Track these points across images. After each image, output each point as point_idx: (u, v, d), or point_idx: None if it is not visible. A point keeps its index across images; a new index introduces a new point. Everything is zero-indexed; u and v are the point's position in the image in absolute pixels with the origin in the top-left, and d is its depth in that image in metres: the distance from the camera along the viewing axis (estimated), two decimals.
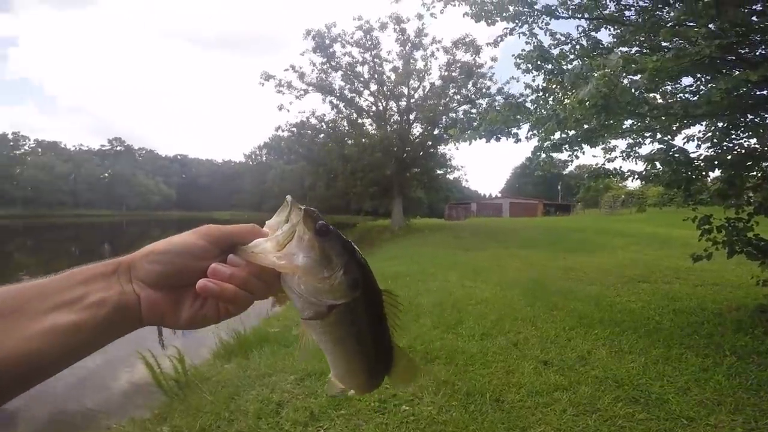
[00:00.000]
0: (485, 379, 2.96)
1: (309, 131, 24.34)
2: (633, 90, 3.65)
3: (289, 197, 0.40)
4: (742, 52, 3.71)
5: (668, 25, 4.05)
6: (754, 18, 3.54)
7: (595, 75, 3.32)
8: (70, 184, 65.33)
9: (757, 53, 3.72)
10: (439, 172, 26.83)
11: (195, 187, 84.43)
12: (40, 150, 68.98)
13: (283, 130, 24.48)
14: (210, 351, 4.58)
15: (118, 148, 78.14)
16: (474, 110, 21.73)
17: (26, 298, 0.31)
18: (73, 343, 0.31)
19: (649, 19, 4.26)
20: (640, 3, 4.58)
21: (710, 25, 3.45)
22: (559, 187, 56.34)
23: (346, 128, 24.50)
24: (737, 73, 3.36)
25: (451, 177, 29.12)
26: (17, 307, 0.30)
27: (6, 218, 50.08)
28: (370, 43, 22.88)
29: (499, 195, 66.13)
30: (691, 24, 3.81)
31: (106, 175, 72.56)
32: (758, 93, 3.84)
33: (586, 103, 3.43)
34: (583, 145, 4.55)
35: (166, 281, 0.35)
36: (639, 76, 3.50)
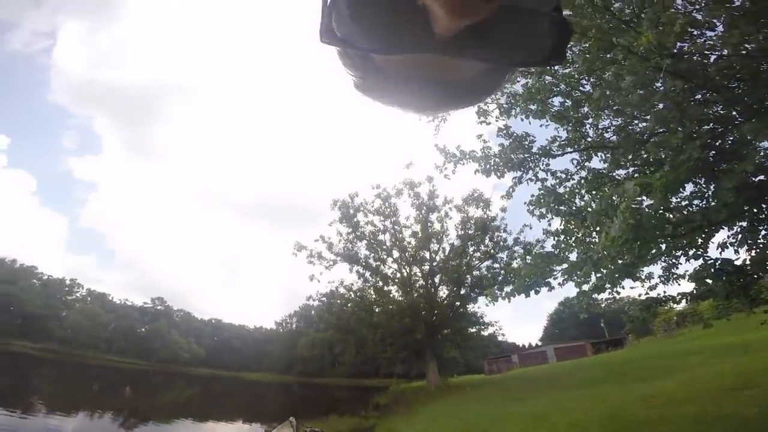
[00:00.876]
0: None
1: (338, 300, 25.07)
2: (654, 213, 3.70)
3: (292, 419, 0.46)
4: (724, 146, 3.84)
5: (646, 138, 4.33)
6: (719, 110, 3.76)
7: (620, 209, 3.40)
8: (108, 333, 66.98)
9: (729, 142, 3.84)
10: (471, 330, 25.82)
11: (227, 349, 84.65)
12: (89, 299, 73.72)
13: (313, 300, 25.46)
14: None
15: (159, 308, 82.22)
16: (496, 265, 22.11)
17: None
18: None
19: (626, 136, 4.58)
20: (614, 123, 4.99)
21: (682, 129, 3.66)
22: (602, 324, 50.65)
23: (373, 296, 24.88)
24: (735, 166, 3.40)
25: (485, 333, 27.54)
26: None
27: (39, 350, 51.20)
28: (389, 210, 24.63)
29: (540, 343, 62.04)
30: (663, 131, 4.06)
31: (143, 330, 74.36)
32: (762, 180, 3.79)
33: (619, 240, 3.43)
34: (622, 280, 4.44)
35: None
36: (651, 201, 3.58)
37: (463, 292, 23.76)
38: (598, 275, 4.27)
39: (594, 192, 4.68)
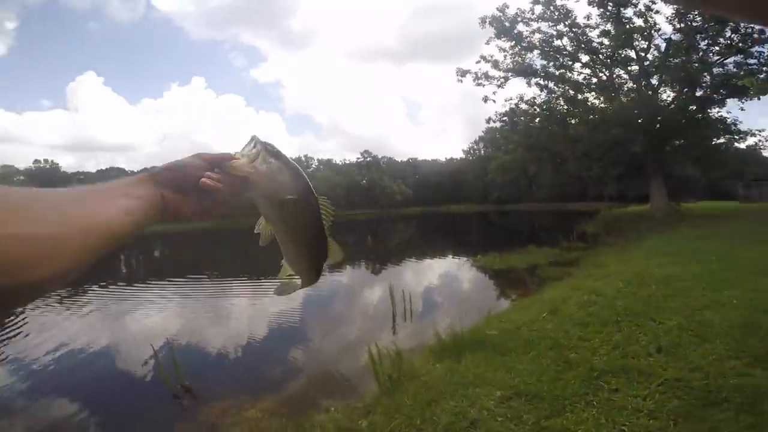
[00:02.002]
0: None
1: (521, 117, 22.50)
2: None
3: (254, 134, 0.56)
4: None
5: None
6: None
7: None
8: (343, 191, 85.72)
9: None
10: (718, 141, 19.98)
11: (427, 185, 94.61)
12: (321, 167, 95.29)
13: (493, 121, 23.56)
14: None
15: (368, 159, 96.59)
16: (752, 60, 16.43)
17: (99, 190, 0.44)
18: (128, 222, 0.44)
19: None
20: None
21: None
22: None
23: (564, 107, 21.32)
24: None
25: (741, 145, 20.89)
26: (97, 193, 0.44)
27: None
28: (557, 13, 19.44)
29: None
30: None
31: (364, 182, 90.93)
32: None
33: None
34: None
35: (179, 186, 0.51)
36: None
37: (700, 93, 18.00)
38: None
39: None
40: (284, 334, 6.90)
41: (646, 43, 19.01)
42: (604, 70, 20.66)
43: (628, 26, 18.40)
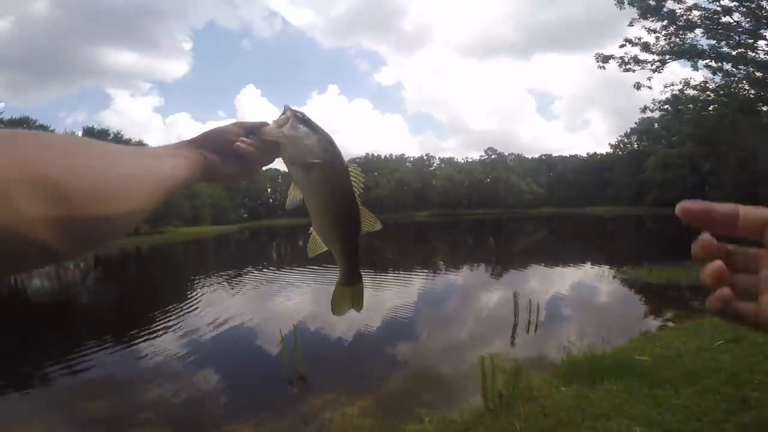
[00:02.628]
0: None
1: (689, 105, 18.16)
2: None
3: (286, 105, 0.58)
4: None
5: None
6: None
7: None
8: (464, 189, 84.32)
9: None
10: None
11: (564, 184, 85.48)
12: (443, 165, 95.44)
13: (651, 111, 19.57)
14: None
15: (493, 157, 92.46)
16: None
17: (150, 150, 0.48)
18: (179, 176, 0.48)
19: None
20: None
21: None
22: None
23: (751, 92, 16.58)
24: None
25: None
26: (150, 153, 0.47)
27: (429, 216, 72.68)
28: None
29: None
30: None
31: (488, 180, 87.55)
32: None
33: None
34: None
35: (218, 149, 0.55)
36: None
37: None
38: None
39: None
40: (396, 330, 6.96)
41: None
42: None
43: None
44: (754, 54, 16.48)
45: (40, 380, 5.39)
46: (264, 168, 0.62)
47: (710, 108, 17.86)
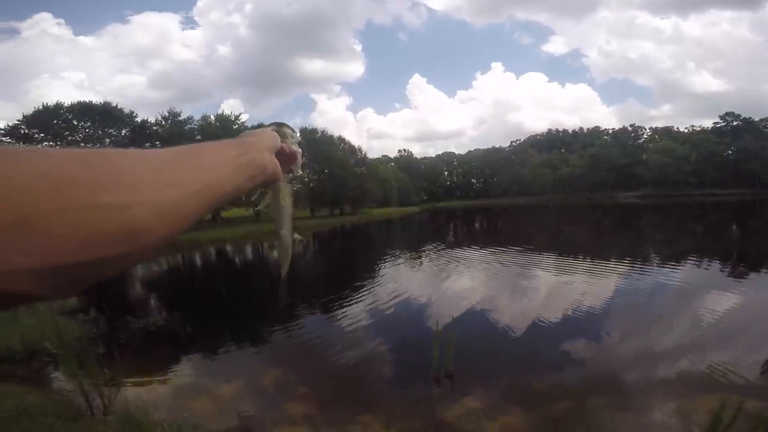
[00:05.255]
0: None
1: None
2: None
3: (277, 121, 0.59)
4: None
5: None
6: None
7: None
8: (691, 165, 65.61)
9: None
10: None
11: None
12: (656, 137, 76.87)
13: None
14: None
15: (735, 123, 68.34)
16: None
17: (205, 148, 0.40)
18: (238, 183, 0.41)
19: None
20: None
21: None
22: None
23: None
24: None
25: None
26: (201, 152, 0.39)
27: (641, 197, 60.00)
28: None
29: None
30: None
31: (730, 152, 65.74)
32: None
33: None
34: None
35: (276, 151, 0.52)
36: None
37: None
38: None
39: None
40: (578, 332, 5.85)
41: None
42: None
43: None
44: None
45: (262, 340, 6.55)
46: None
47: None
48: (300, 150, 0.59)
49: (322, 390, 4.46)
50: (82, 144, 28.58)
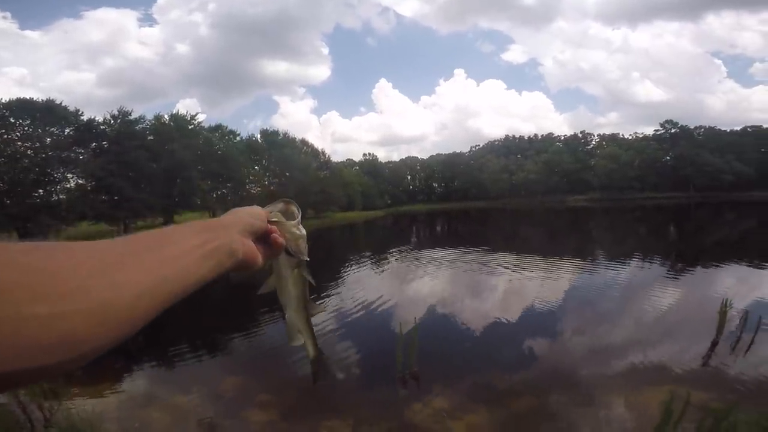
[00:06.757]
0: None
1: None
2: None
3: (285, 198, 0.58)
4: None
5: None
6: None
7: None
8: (634, 170, 70.90)
9: None
10: None
11: None
12: (603, 143, 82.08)
13: None
14: None
15: (673, 131, 74.81)
16: None
17: (165, 237, 0.37)
18: (202, 275, 0.38)
19: None
20: None
21: None
22: None
23: None
24: None
25: None
26: (161, 242, 0.36)
27: (588, 201, 64.42)
28: None
29: None
30: None
31: (668, 158, 71.64)
32: None
33: None
34: None
35: (258, 234, 0.50)
36: None
37: None
38: None
39: None
40: (536, 331, 6.07)
41: None
42: None
43: None
44: None
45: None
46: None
47: None
48: (304, 233, 0.57)
49: (286, 396, 4.39)
50: (18, 143, 26.23)
